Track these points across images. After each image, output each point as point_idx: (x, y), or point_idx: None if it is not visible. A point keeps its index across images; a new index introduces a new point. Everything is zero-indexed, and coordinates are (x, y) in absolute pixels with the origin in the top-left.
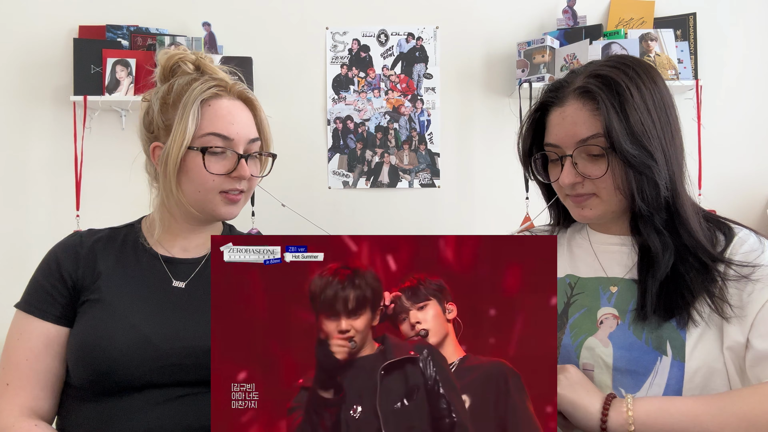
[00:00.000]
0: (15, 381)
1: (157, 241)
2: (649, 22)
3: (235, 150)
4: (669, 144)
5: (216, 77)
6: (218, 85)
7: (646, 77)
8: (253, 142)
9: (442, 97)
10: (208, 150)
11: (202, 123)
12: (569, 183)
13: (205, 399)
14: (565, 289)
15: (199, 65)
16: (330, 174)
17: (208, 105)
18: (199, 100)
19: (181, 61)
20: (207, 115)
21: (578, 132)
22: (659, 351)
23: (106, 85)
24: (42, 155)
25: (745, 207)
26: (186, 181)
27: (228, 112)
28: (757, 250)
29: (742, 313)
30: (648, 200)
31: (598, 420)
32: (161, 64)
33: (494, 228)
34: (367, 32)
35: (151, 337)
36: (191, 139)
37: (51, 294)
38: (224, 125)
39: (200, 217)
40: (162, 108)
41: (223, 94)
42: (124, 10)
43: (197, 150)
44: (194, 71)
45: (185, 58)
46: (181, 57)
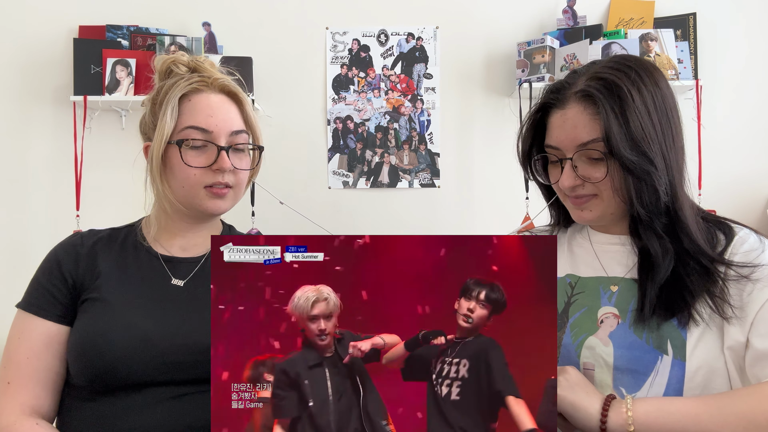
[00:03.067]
0: (16, 380)
1: (156, 239)
2: (649, 22)
3: (215, 142)
4: (670, 148)
5: (203, 75)
6: (200, 80)
7: (648, 79)
8: (237, 135)
9: (442, 97)
10: (185, 143)
11: (181, 118)
12: (569, 186)
13: (205, 398)
14: (566, 288)
15: (195, 67)
16: (330, 174)
17: (188, 100)
18: (179, 96)
19: (173, 64)
20: (186, 110)
21: (578, 135)
22: (660, 350)
23: (106, 85)
24: (42, 155)
25: (745, 207)
26: (171, 178)
27: (207, 105)
28: (757, 249)
29: (743, 313)
30: (647, 205)
31: (598, 421)
32: (156, 69)
33: (494, 228)
34: (367, 32)
35: (150, 335)
36: (170, 134)
37: (52, 293)
38: (203, 118)
39: (191, 214)
40: (151, 109)
41: (204, 89)
42: (124, 10)
43: (175, 144)
44: (187, 72)
45: (177, 61)
46: (174, 60)
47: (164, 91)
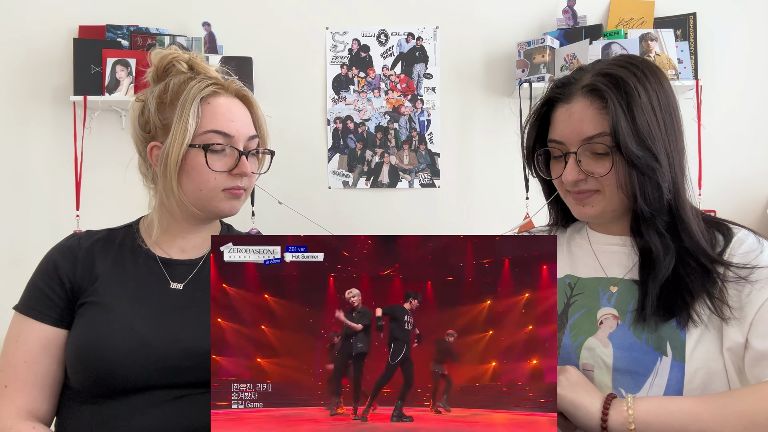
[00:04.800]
0: (13, 383)
1: (155, 242)
2: (649, 22)
3: (236, 147)
4: (673, 147)
5: (210, 76)
6: (216, 83)
7: (653, 78)
8: (252, 140)
9: (442, 97)
10: (210, 147)
11: (202, 121)
12: (572, 180)
13: (204, 399)
14: (565, 289)
15: (192, 65)
16: (330, 174)
17: (207, 103)
18: (199, 98)
19: (175, 61)
20: (207, 113)
21: (584, 129)
22: (659, 351)
23: (106, 85)
24: (42, 155)
25: (745, 207)
26: (186, 181)
27: (227, 109)
28: (756, 250)
29: (741, 314)
30: (650, 202)
31: (599, 420)
32: (154, 64)
33: (494, 228)
34: (367, 32)
35: (149, 340)
36: (192, 136)
37: (49, 296)
38: (224, 122)
39: (201, 216)
40: (159, 107)
41: (221, 92)
42: (124, 10)
43: (199, 147)
44: (188, 70)
45: (179, 58)
46: (175, 56)
47: (174, 91)
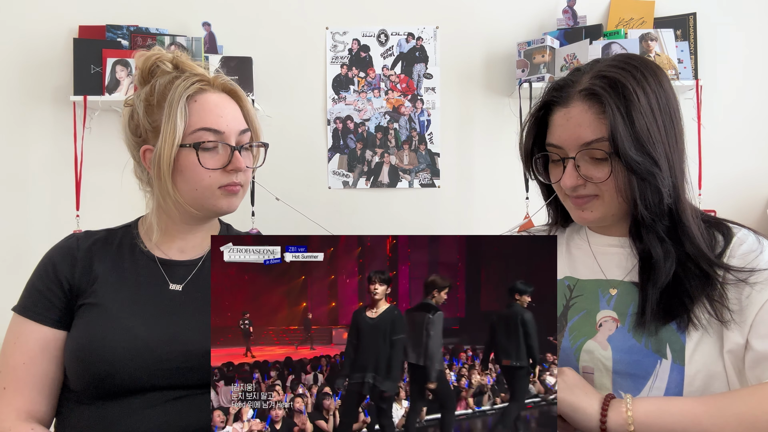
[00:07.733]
0: (12, 385)
1: (155, 244)
2: (649, 22)
3: (227, 143)
4: (673, 150)
5: (195, 73)
6: (201, 79)
7: (652, 79)
8: (244, 134)
9: (442, 97)
10: (201, 145)
11: (190, 119)
12: (571, 185)
13: (204, 399)
14: (564, 291)
15: (178, 63)
16: (330, 174)
17: (194, 100)
18: (185, 97)
19: (159, 61)
20: (194, 111)
21: (582, 135)
22: (659, 354)
23: (106, 85)
24: (42, 155)
25: (745, 207)
26: (181, 181)
27: (215, 105)
28: (756, 250)
29: (741, 316)
30: (650, 207)
31: (598, 421)
32: (139, 66)
33: (494, 228)
34: (367, 32)
35: (148, 342)
36: (182, 136)
37: (48, 298)
38: (213, 119)
39: (199, 216)
40: (147, 110)
41: (207, 88)
42: (124, 10)
43: (190, 147)
44: (173, 70)
45: (162, 58)
46: (159, 57)
47: (160, 92)
